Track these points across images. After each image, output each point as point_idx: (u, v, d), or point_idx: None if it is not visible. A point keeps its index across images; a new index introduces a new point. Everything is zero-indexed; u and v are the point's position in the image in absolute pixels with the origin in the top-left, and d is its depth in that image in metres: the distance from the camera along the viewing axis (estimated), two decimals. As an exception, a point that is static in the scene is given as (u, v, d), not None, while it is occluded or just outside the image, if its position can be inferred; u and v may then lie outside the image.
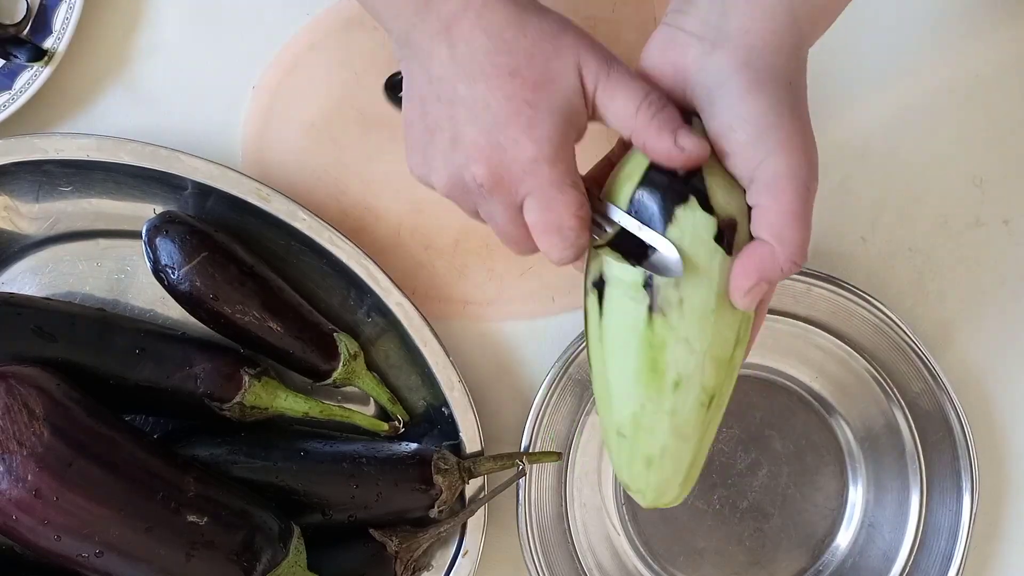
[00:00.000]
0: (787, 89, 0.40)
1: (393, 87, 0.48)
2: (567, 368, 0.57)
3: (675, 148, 0.39)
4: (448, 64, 0.40)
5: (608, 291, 0.42)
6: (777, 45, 0.41)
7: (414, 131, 0.43)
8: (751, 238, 0.41)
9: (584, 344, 0.57)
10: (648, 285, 0.40)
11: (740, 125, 0.39)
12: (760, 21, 0.40)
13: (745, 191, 0.41)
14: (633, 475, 0.44)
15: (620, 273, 0.41)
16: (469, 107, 0.40)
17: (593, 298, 0.43)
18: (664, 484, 0.44)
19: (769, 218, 0.40)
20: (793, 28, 0.41)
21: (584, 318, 0.44)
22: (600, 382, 0.43)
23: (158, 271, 0.54)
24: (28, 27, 0.57)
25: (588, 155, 0.60)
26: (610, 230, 0.41)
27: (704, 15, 0.42)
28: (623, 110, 0.40)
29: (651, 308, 0.41)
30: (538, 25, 0.41)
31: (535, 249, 0.43)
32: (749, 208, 0.41)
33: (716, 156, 0.41)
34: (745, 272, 0.40)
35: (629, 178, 0.42)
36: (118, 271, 0.57)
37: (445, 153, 0.41)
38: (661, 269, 0.40)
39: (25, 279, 0.57)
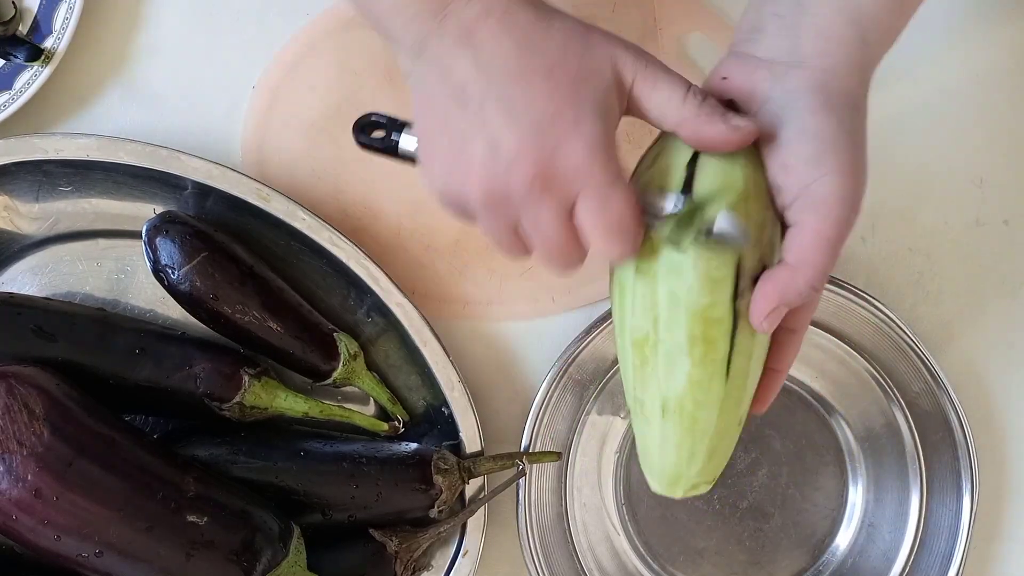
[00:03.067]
0: (855, 113, 0.41)
1: (363, 129, 0.45)
2: (567, 368, 0.57)
3: (731, 129, 0.39)
4: (472, 70, 0.39)
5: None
6: (849, 68, 0.41)
7: (435, 145, 0.41)
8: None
9: (588, 340, 0.57)
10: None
11: (806, 140, 0.39)
12: (834, 44, 0.41)
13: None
14: (724, 464, 0.44)
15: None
16: (505, 111, 0.38)
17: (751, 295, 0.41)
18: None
19: (804, 237, 0.39)
20: (863, 49, 0.41)
21: (711, 324, 0.41)
22: (737, 383, 0.42)
23: (158, 271, 0.54)
24: (20, 26, 0.57)
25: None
26: (659, 222, 0.40)
27: (776, 42, 0.42)
28: (668, 100, 0.40)
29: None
30: (562, 25, 0.40)
31: (581, 258, 0.41)
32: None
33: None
34: (766, 296, 0.40)
35: (673, 167, 0.41)
36: (118, 271, 0.57)
37: (483, 162, 0.39)
38: (732, 240, 0.39)
39: (25, 279, 0.57)
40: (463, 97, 0.39)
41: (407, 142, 0.44)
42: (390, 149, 0.45)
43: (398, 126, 0.44)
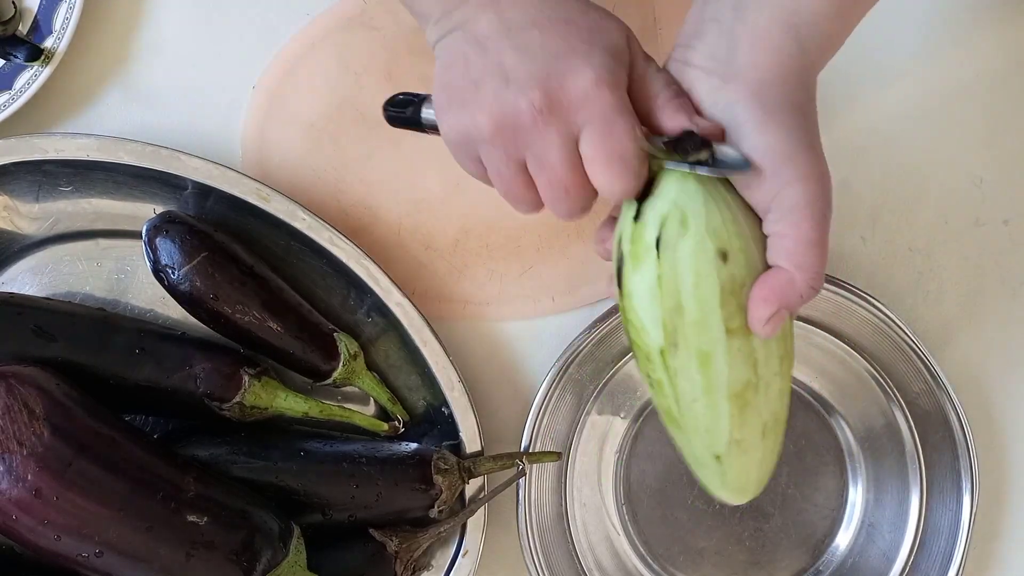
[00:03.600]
0: (799, 118, 0.41)
1: (392, 105, 0.47)
2: (567, 368, 0.57)
3: (690, 124, 0.40)
4: (496, 23, 0.41)
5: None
6: (785, 75, 0.41)
7: (454, 88, 0.42)
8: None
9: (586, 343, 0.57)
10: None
11: (758, 157, 0.40)
12: (768, 53, 0.41)
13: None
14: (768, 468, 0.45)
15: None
16: (522, 50, 0.40)
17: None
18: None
19: (787, 246, 0.40)
20: (801, 57, 0.41)
21: (786, 339, 0.42)
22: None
23: (158, 271, 0.54)
24: (20, 26, 0.57)
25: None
26: (661, 155, 0.41)
27: (711, 50, 0.42)
28: (653, 85, 0.42)
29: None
30: None
31: (586, 197, 0.42)
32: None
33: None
34: (765, 300, 0.40)
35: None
36: (118, 271, 0.57)
37: (496, 92, 0.40)
38: (734, 166, 0.40)
39: (25, 279, 0.57)
40: (483, 46, 0.41)
41: (429, 112, 0.46)
42: (415, 119, 0.46)
43: (423, 98, 0.46)
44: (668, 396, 0.43)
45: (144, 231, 0.54)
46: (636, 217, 0.41)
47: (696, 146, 0.40)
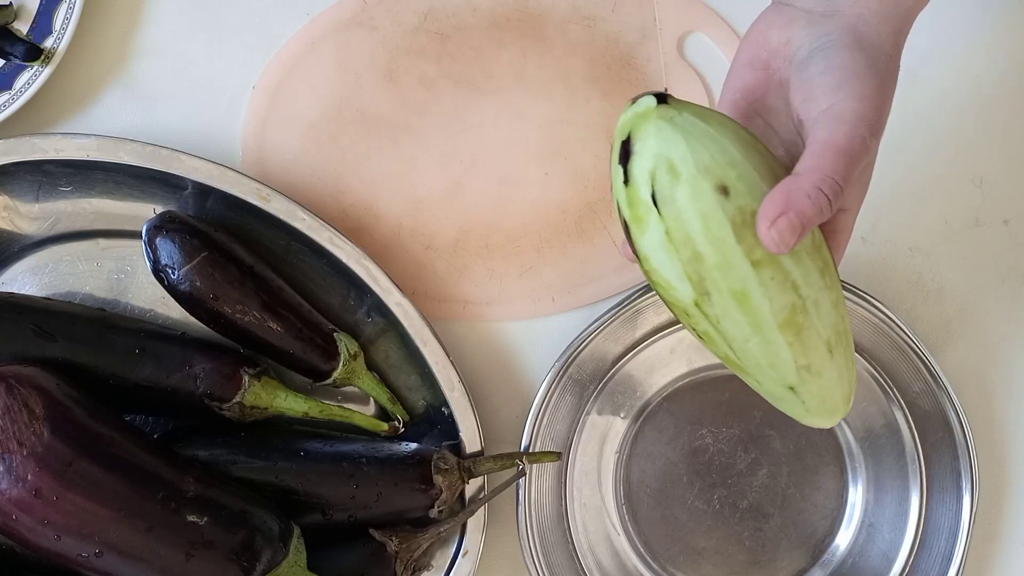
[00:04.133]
0: (884, 59, 0.42)
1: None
2: (567, 368, 0.57)
3: None
4: None
5: None
6: (881, 17, 0.42)
7: None
8: None
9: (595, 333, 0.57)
10: None
11: (831, 71, 0.40)
12: None
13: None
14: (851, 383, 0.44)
15: None
16: None
17: None
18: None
19: (814, 147, 0.39)
20: (900, 1, 0.43)
21: (820, 249, 0.41)
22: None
23: (158, 271, 0.54)
24: (17, 23, 0.57)
25: (589, 153, 0.60)
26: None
27: None
28: None
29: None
30: None
31: None
32: None
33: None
34: (770, 199, 0.38)
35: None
36: (118, 271, 0.57)
37: None
38: None
39: (25, 279, 0.57)
40: None
41: None
42: None
43: None
44: (720, 344, 0.42)
45: (144, 231, 0.54)
46: (625, 181, 0.40)
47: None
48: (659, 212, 0.39)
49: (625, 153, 0.40)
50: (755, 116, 0.45)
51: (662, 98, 0.40)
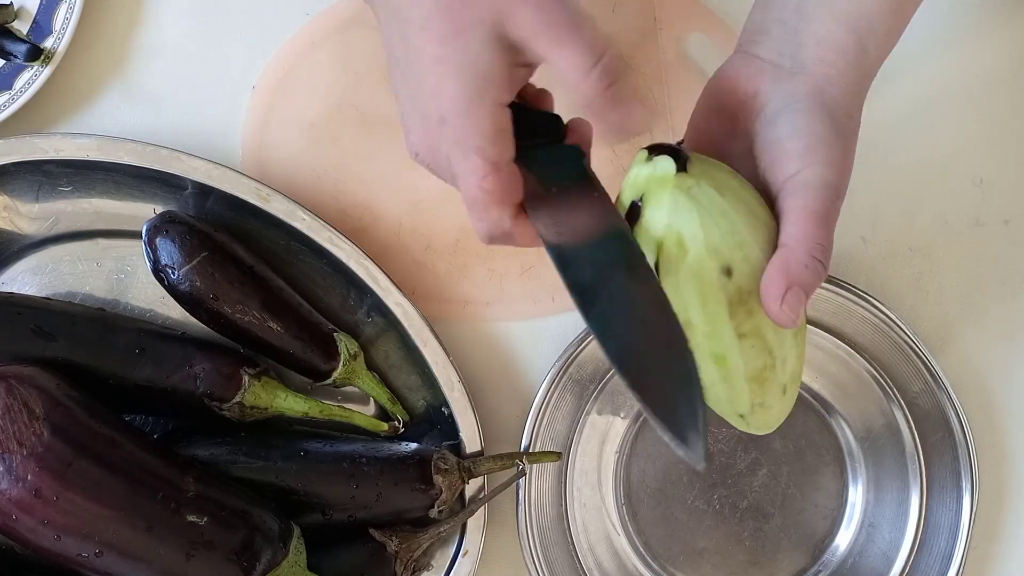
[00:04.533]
0: (847, 120, 0.42)
1: None
2: (567, 368, 0.57)
3: (624, 119, 0.38)
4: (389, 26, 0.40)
5: None
6: (847, 75, 0.42)
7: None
8: None
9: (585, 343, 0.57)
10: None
11: (797, 137, 0.41)
12: (833, 52, 0.42)
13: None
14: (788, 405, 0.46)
15: None
16: (401, 69, 0.39)
17: None
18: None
19: (792, 216, 0.40)
20: (863, 57, 0.43)
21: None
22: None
23: (158, 271, 0.54)
24: (17, 22, 0.57)
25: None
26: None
27: (778, 46, 0.43)
28: (572, 68, 0.37)
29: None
30: None
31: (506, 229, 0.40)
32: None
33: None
34: (772, 280, 0.39)
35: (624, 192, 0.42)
36: (118, 271, 0.57)
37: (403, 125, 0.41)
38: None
39: (25, 279, 0.57)
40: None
41: None
42: None
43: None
44: None
45: (144, 231, 0.54)
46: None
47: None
48: (659, 278, 0.40)
49: (634, 213, 0.40)
50: (717, 159, 0.45)
51: (678, 158, 0.40)
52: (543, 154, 0.41)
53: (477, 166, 0.38)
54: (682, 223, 0.39)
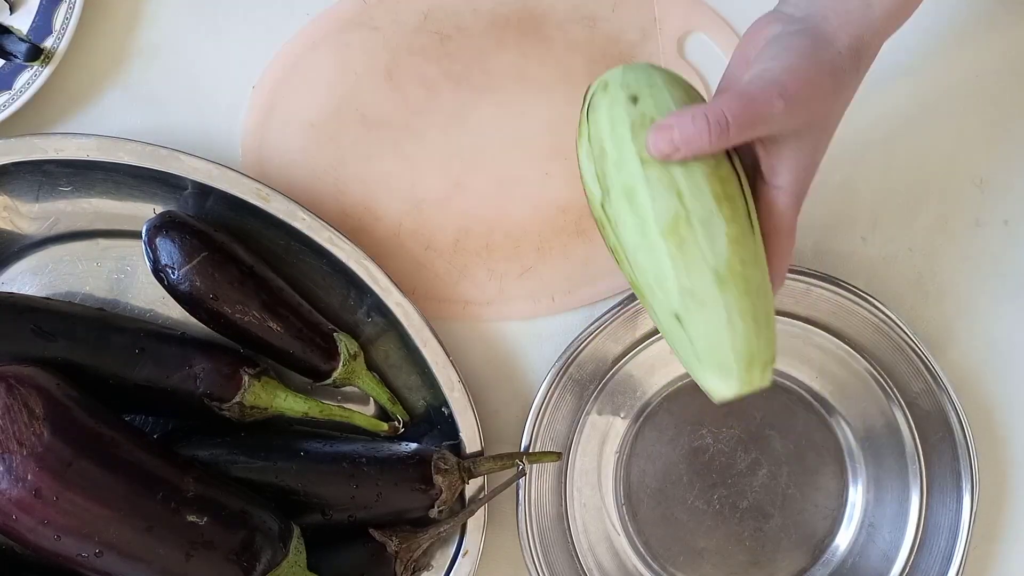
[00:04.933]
0: (831, 53, 0.44)
1: None
2: (567, 368, 0.57)
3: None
4: None
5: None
6: (848, 20, 0.45)
7: None
8: None
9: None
10: None
11: (776, 50, 0.44)
12: (840, 4, 0.45)
13: None
14: (760, 340, 0.43)
15: None
16: None
17: (734, 157, 0.45)
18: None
19: (721, 92, 0.45)
20: (866, 12, 0.45)
21: (725, 182, 0.43)
22: (760, 240, 0.44)
23: (158, 271, 0.54)
24: (11, 20, 0.57)
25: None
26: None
27: (797, 1, 0.47)
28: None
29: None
30: None
31: None
32: None
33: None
34: (669, 117, 0.42)
35: None
36: (118, 271, 0.57)
37: None
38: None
39: (25, 279, 0.57)
40: None
41: None
42: None
43: None
44: (624, 261, 0.45)
45: (144, 231, 0.54)
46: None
47: None
48: (587, 119, 0.46)
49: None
50: None
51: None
52: None
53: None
54: (609, 74, 0.46)
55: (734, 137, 0.41)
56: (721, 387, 0.42)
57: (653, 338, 0.58)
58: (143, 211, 0.56)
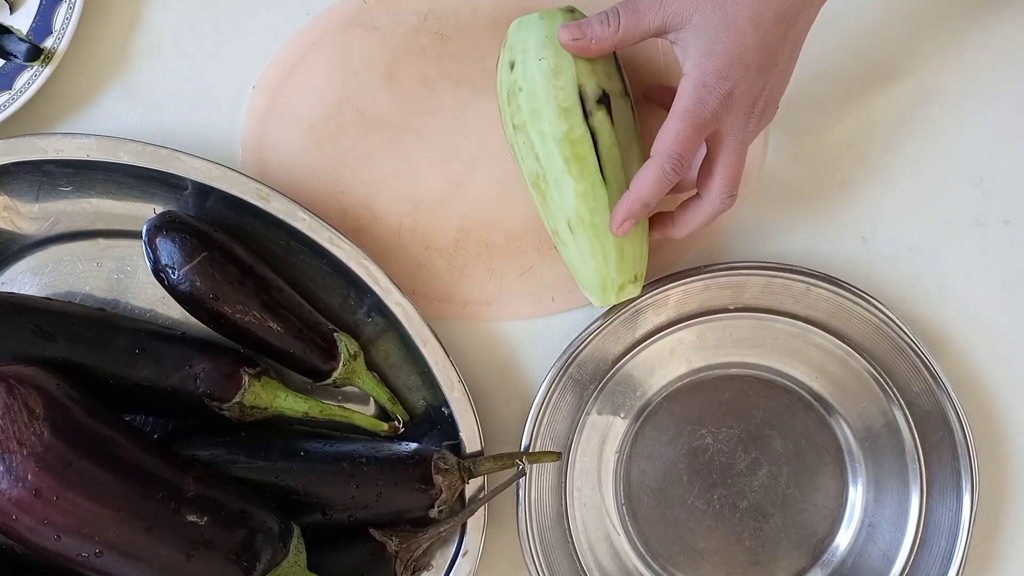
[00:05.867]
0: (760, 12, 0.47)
1: None
2: (567, 368, 0.57)
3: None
4: None
5: (612, 101, 0.52)
6: None
7: None
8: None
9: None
10: (625, 91, 0.53)
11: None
12: None
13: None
14: (643, 258, 0.54)
15: (615, 86, 0.52)
16: None
17: (602, 113, 0.52)
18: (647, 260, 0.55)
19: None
20: None
21: (576, 144, 0.51)
22: (616, 185, 0.52)
23: (158, 271, 0.54)
24: (16, 21, 0.57)
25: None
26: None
27: None
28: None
29: (632, 107, 0.54)
30: None
31: None
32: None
33: None
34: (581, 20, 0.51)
35: None
36: (118, 271, 0.57)
37: None
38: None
39: (25, 279, 0.57)
40: None
41: None
42: None
43: None
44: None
45: (144, 231, 0.54)
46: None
47: None
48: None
49: None
50: None
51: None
52: None
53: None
54: (509, 32, 0.54)
55: (623, 35, 0.49)
56: (594, 301, 0.55)
57: (653, 338, 0.58)
58: (143, 211, 0.56)
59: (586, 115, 0.51)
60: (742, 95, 0.48)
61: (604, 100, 0.52)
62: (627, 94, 0.54)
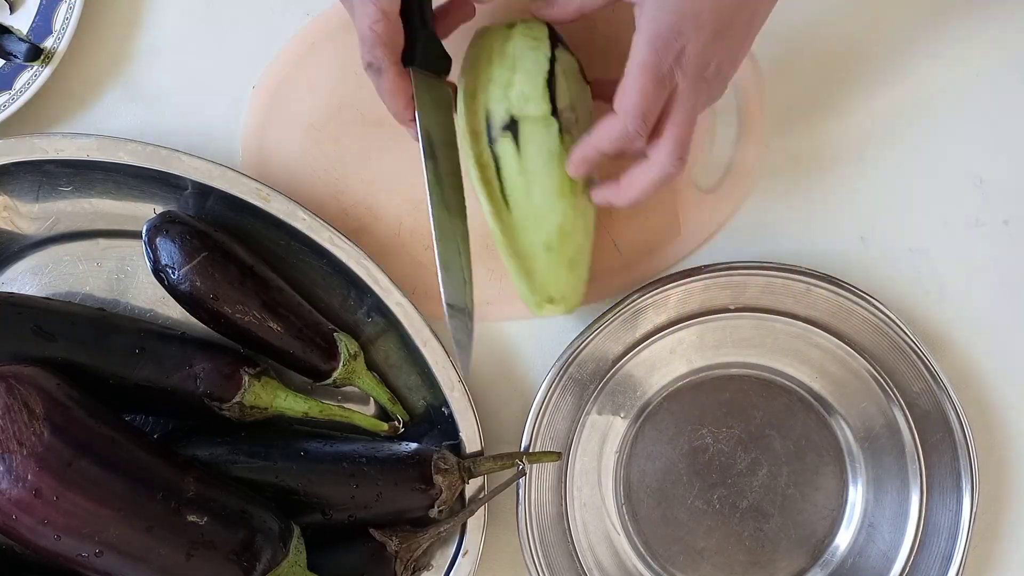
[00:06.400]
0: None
1: None
2: (567, 368, 0.57)
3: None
4: None
5: (522, 127, 0.52)
6: None
7: None
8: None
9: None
10: (555, 112, 0.52)
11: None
12: None
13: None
14: (559, 283, 0.54)
15: (532, 110, 0.51)
16: None
17: (507, 140, 0.52)
18: (579, 283, 0.54)
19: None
20: None
21: (483, 168, 0.53)
22: (521, 212, 0.53)
23: (158, 271, 0.54)
24: (13, 21, 0.57)
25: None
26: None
27: None
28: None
29: (561, 130, 0.52)
30: None
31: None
32: None
33: None
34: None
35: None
36: (118, 271, 0.57)
37: None
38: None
39: (25, 279, 0.57)
40: None
41: None
42: None
43: None
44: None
45: (144, 231, 0.54)
46: None
47: None
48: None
49: None
50: None
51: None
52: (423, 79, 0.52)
53: (372, 11, 0.48)
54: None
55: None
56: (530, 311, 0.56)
57: (653, 338, 0.58)
58: (143, 211, 0.56)
59: (491, 141, 0.52)
60: (695, 54, 0.47)
61: (511, 127, 0.52)
62: (555, 115, 0.52)
